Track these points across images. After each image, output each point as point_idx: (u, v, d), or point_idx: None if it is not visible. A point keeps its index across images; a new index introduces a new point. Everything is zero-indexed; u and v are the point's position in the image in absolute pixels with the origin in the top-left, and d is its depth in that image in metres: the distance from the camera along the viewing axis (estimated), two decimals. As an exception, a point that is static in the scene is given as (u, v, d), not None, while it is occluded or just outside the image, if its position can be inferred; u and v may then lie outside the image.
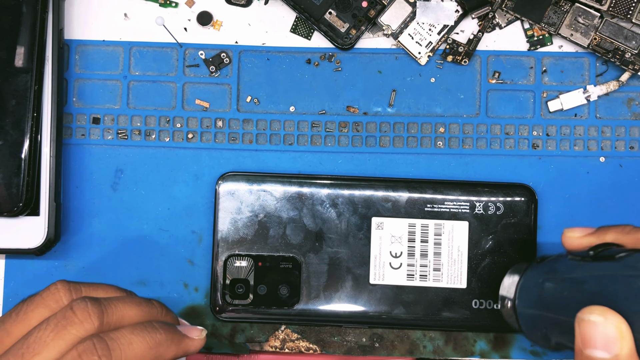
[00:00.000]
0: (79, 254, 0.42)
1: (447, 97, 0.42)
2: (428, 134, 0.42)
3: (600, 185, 0.42)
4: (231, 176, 0.41)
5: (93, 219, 0.42)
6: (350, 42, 0.42)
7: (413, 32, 0.42)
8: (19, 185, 0.39)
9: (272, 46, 0.43)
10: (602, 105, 0.42)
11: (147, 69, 0.43)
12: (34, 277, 0.42)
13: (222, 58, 0.43)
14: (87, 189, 0.42)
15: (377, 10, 0.42)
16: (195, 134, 0.43)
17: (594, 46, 0.41)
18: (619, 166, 0.42)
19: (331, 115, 0.43)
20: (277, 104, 0.43)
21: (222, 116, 0.43)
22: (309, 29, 0.43)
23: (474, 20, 0.43)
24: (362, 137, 0.42)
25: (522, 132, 0.42)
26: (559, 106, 0.42)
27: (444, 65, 0.43)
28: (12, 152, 0.39)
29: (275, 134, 0.43)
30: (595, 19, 0.41)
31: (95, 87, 0.43)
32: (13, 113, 0.39)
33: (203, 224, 0.42)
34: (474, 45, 0.42)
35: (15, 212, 0.39)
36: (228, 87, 0.43)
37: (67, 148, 0.43)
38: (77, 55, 0.43)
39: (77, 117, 0.43)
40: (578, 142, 0.42)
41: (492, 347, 0.42)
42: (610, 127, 0.42)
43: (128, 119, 0.43)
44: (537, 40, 0.42)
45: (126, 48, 0.43)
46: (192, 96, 0.43)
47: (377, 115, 0.42)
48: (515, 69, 0.42)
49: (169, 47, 0.43)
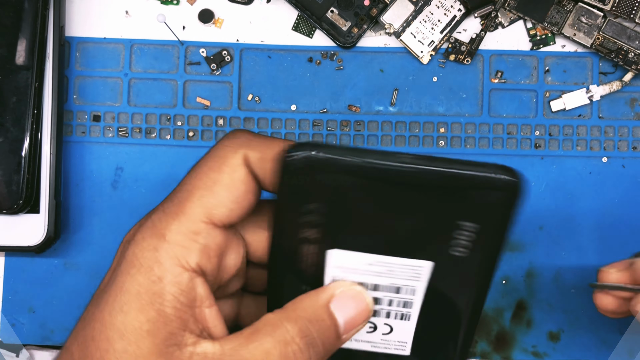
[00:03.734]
0: (79, 252, 0.42)
1: (449, 97, 0.42)
2: (430, 133, 0.42)
3: (602, 186, 0.42)
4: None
5: (93, 217, 0.42)
6: (352, 41, 0.42)
7: (415, 30, 0.42)
8: (19, 182, 0.39)
9: (273, 44, 0.43)
10: (604, 105, 0.42)
11: (148, 67, 0.43)
12: (33, 275, 0.42)
13: (223, 56, 0.42)
14: (88, 186, 0.42)
15: (379, 9, 0.42)
16: (196, 132, 0.42)
17: (597, 46, 0.41)
18: (622, 166, 0.42)
19: (333, 114, 0.42)
20: (278, 103, 0.43)
21: (223, 114, 0.42)
22: (311, 27, 0.43)
23: (476, 19, 0.42)
24: (364, 136, 0.42)
25: (524, 132, 0.42)
26: (562, 106, 0.42)
27: (446, 64, 0.42)
28: (12, 149, 0.39)
29: (276, 133, 0.42)
30: (599, 18, 0.41)
31: (96, 85, 0.43)
32: (13, 110, 0.39)
33: (203, 223, 0.42)
34: (476, 44, 0.42)
35: (15, 209, 0.39)
36: (229, 85, 0.43)
37: (68, 145, 0.42)
38: (78, 52, 0.43)
39: (77, 115, 0.43)
40: (581, 142, 0.42)
41: (493, 347, 0.42)
42: (613, 127, 0.42)
43: (129, 117, 0.43)
44: (539, 40, 0.42)
45: (127, 45, 0.43)
46: (193, 94, 0.43)
47: (379, 114, 0.42)
48: (518, 69, 0.42)
49: (170, 45, 0.43)
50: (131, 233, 0.26)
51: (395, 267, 0.27)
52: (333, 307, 0.26)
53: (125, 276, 0.25)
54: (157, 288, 0.24)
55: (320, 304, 0.26)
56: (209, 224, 0.25)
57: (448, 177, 0.24)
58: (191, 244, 0.25)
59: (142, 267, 0.24)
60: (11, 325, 0.43)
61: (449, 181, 0.24)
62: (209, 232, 0.25)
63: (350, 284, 0.27)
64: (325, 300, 0.26)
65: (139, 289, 0.24)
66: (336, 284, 0.26)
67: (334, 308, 0.26)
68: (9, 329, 0.43)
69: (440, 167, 0.24)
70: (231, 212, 0.25)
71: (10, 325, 0.43)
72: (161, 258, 0.24)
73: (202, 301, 0.25)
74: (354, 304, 0.26)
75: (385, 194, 0.25)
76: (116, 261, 0.26)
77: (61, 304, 0.42)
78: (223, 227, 0.26)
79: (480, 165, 0.25)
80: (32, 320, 0.43)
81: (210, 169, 0.26)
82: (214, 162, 0.26)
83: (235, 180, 0.25)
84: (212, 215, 0.25)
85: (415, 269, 0.27)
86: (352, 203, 0.26)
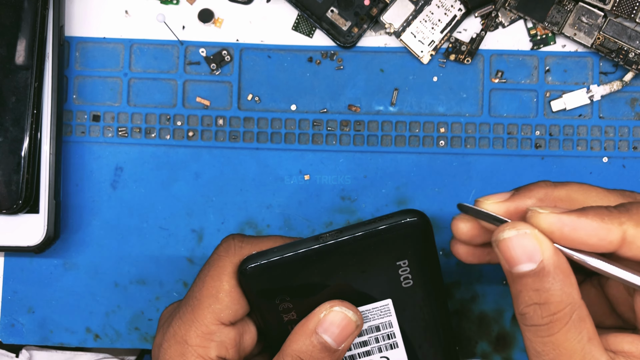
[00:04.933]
0: (79, 252, 0.42)
1: (449, 96, 0.42)
2: (430, 133, 0.42)
3: (603, 186, 0.42)
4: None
5: (93, 217, 0.42)
6: (352, 41, 0.42)
7: (415, 30, 0.42)
8: (18, 182, 0.39)
9: (273, 44, 0.43)
10: (605, 105, 0.42)
11: (147, 67, 0.43)
12: (33, 275, 0.42)
13: (223, 56, 0.42)
14: (87, 186, 0.42)
15: (379, 9, 0.42)
16: (196, 132, 0.42)
17: (598, 46, 0.41)
18: (622, 166, 0.42)
19: (333, 114, 0.42)
20: (278, 103, 0.42)
21: (222, 114, 0.42)
22: (311, 27, 0.43)
23: (477, 19, 0.42)
24: (364, 136, 0.42)
25: (524, 131, 0.42)
26: (562, 106, 0.42)
27: (447, 64, 0.42)
28: (11, 149, 0.39)
29: (276, 133, 0.42)
30: (599, 18, 0.41)
31: (95, 85, 0.43)
32: (13, 110, 0.39)
33: (203, 223, 0.42)
34: (476, 44, 0.42)
35: (15, 209, 0.39)
36: (229, 85, 0.43)
37: (67, 145, 0.42)
38: (78, 52, 0.43)
39: (77, 115, 0.43)
40: (581, 142, 0.42)
41: (493, 348, 0.42)
42: (614, 127, 0.42)
43: (128, 117, 0.42)
44: (540, 40, 0.42)
45: (127, 45, 0.43)
46: (193, 94, 0.43)
47: (379, 114, 0.42)
48: (518, 68, 0.42)
49: (169, 45, 0.43)
50: (156, 340, 0.33)
51: (368, 313, 0.34)
52: (320, 331, 0.32)
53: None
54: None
55: (309, 331, 0.32)
56: (220, 325, 0.32)
57: (368, 236, 0.31)
58: (209, 343, 0.31)
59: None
60: (11, 326, 0.43)
61: (370, 238, 0.31)
62: (221, 331, 0.32)
63: (330, 305, 0.32)
64: (313, 327, 0.32)
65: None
66: (319, 308, 0.32)
67: (321, 332, 0.32)
68: (8, 329, 0.43)
69: (359, 231, 0.31)
70: (235, 312, 0.32)
71: (10, 325, 0.43)
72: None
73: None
74: (337, 321, 0.32)
75: (329, 267, 0.32)
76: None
77: (61, 304, 0.42)
78: (231, 324, 0.32)
79: (388, 217, 0.32)
80: (32, 320, 0.42)
81: (212, 279, 0.32)
82: (215, 272, 0.32)
83: (233, 287, 0.32)
84: (221, 317, 0.32)
85: (383, 308, 0.34)
86: (308, 283, 0.32)
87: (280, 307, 0.33)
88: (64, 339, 0.43)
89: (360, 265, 0.33)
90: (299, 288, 0.33)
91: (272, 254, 0.31)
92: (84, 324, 0.42)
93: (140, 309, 0.42)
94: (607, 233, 0.27)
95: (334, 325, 0.32)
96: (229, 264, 0.32)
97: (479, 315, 0.42)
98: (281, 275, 0.32)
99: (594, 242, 0.27)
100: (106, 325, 0.42)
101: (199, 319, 0.31)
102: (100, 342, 0.43)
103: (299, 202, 0.42)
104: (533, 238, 0.27)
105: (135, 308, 0.42)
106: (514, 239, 0.27)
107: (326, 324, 0.32)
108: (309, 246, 0.32)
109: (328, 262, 0.32)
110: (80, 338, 0.43)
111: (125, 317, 0.42)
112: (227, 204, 0.42)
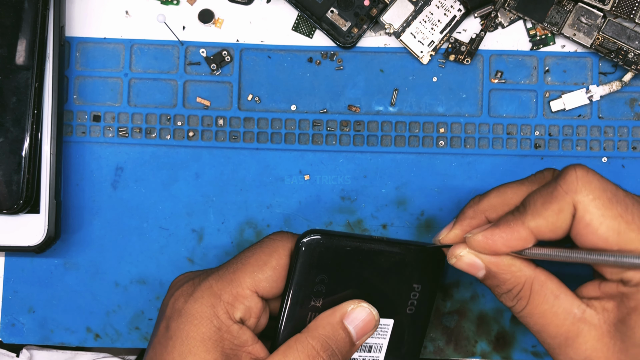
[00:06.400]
0: (79, 252, 0.42)
1: (449, 97, 0.42)
2: (430, 134, 0.42)
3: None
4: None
5: (93, 217, 0.42)
6: (352, 41, 0.42)
7: (415, 31, 0.42)
8: (19, 182, 0.39)
9: (273, 44, 0.43)
10: (604, 106, 0.42)
11: (148, 67, 0.43)
12: (33, 275, 0.42)
13: (223, 56, 0.42)
14: (88, 186, 0.42)
15: (379, 9, 0.42)
16: (196, 132, 0.42)
17: (597, 46, 0.41)
18: (622, 167, 0.42)
19: (332, 114, 0.42)
20: (278, 103, 0.43)
21: (223, 114, 0.43)
22: (311, 27, 0.43)
23: (476, 19, 0.42)
24: (364, 136, 0.42)
25: (524, 132, 0.42)
26: (562, 106, 0.42)
27: (446, 64, 0.42)
28: (12, 149, 0.39)
29: (276, 133, 0.42)
30: (598, 18, 0.41)
31: (96, 85, 0.43)
32: (13, 110, 0.39)
33: (203, 223, 0.42)
34: (476, 44, 0.42)
35: (16, 209, 0.39)
36: (229, 86, 0.43)
37: (68, 146, 0.42)
38: (78, 52, 0.43)
39: (77, 115, 0.43)
40: (580, 143, 0.42)
41: (493, 347, 0.42)
42: (613, 128, 0.42)
43: (129, 117, 0.43)
44: (539, 40, 0.42)
45: (127, 45, 0.43)
46: (193, 94, 0.43)
47: (379, 114, 0.42)
48: (518, 69, 0.42)
49: (170, 45, 0.43)
50: (183, 289, 0.35)
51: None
52: (347, 322, 0.35)
53: (189, 326, 0.33)
54: (217, 336, 0.33)
55: (336, 320, 0.35)
56: (253, 293, 0.34)
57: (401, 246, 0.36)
58: (239, 305, 0.34)
59: (203, 319, 0.33)
60: (11, 325, 0.43)
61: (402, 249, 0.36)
62: (252, 298, 0.34)
63: (358, 302, 0.35)
64: (339, 317, 0.35)
65: (202, 337, 0.33)
66: (347, 303, 0.35)
67: (347, 323, 0.35)
68: (9, 329, 0.43)
69: (397, 242, 0.36)
70: (271, 288, 0.34)
71: (11, 325, 0.43)
72: (218, 313, 0.33)
73: (249, 343, 0.34)
74: (362, 316, 0.35)
75: (370, 266, 0.36)
76: (170, 311, 0.34)
77: (61, 304, 0.42)
78: (262, 297, 0.34)
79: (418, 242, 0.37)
80: (32, 320, 0.43)
81: (264, 253, 0.35)
82: (267, 249, 0.35)
83: (280, 265, 0.35)
84: (258, 286, 0.34)
85: (383, 327, 0.38)
86: (347, 274, 0.35)
87: (314, 289, 0.35)
88: (64, 339, 0.43)
89: (391, 274, 0.37)
90: (339, 275, 0.35)
91: (332, 233, 0.35)
92: (85, 324, 0.43)
93: (141, 308, 0.43)
94: (518, 235, 0.32)
95: (359, 319, 0.35)
96: (282, 247, 0.35)
97: (478, 314, 0.42)
98: (332, 256, 0.35)
99: (514, 243, 0.32)
100: (106, 325, 0.43)
101: (239, 279, 0.34)
102: (101, 341, 0.43)
103: (299, 202, 0.42)
104: (471, 255, 0.33)
105: (136, 308, 0.43)
106: (459, 261, 0.34)
107: (353, 316, 0.35)
108: (366, 239, 0.36)
109: (372, 261, 0.36)
110: (80, 338, 0.43)
111: (125, 316, 0.43)
112: (228, 204, 0.42)
